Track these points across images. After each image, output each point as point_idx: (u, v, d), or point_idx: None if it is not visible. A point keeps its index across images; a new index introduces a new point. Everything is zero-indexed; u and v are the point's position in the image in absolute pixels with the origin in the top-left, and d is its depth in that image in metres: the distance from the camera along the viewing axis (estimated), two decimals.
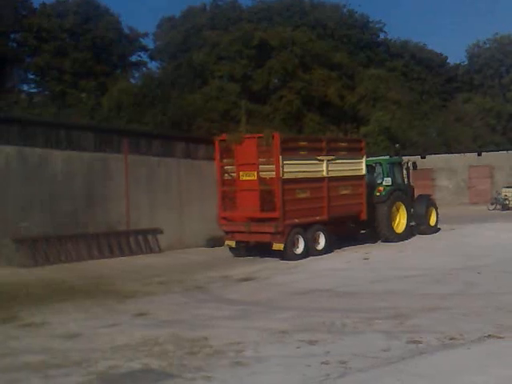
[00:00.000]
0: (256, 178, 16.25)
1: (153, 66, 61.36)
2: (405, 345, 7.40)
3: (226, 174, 17.38)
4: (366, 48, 61.43)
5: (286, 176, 16.12)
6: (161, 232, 19.03)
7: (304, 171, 16.78)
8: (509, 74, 60.97)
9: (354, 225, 19.48)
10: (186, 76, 49.57)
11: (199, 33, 55.87)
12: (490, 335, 7.63)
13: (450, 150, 42.18)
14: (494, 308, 9.30)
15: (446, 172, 38.36)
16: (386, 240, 19.46)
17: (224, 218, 17.39)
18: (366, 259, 16.00)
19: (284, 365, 6.82)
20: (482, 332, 7.79)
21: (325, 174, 17.40)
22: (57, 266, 15.85)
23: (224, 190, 17.33)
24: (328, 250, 17.25)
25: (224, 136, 17.84)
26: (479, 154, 39.97)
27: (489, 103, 56.80)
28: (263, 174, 16.35)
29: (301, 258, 16.23)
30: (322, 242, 17.13)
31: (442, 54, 65.89)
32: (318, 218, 17.16)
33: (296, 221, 16.49)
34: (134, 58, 58.24)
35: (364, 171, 19.01)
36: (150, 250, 18.68)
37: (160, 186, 19.52)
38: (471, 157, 39.62)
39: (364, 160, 19.01)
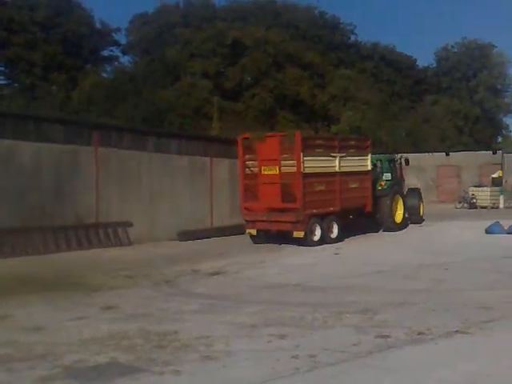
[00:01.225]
0: (278, 172, 18.00)
1: (125, 60, 60.74)
2: (373, 339, 7.42)
3: (247, 169, 18.93)
4: (337, 49, 61.90)
5: (306, 171, 17.78)
6: (131, 225, 18.84)
7: (320, 166, 18.52)
8: (476, 77, 62.07)
9: (355, 216, 20.79)
10: (158, 72, 49.24)
11: (172, 30, 55.53)
12: (457, 331, 7.70)
13: (418, 150, 42.75)
14: (461, 304, 9.40)
15: (415, 171, 38.78)
16: (388, 230, 21.41)
17: (246, 209, 19.00)
18: (336, 254, 16.11)
19: (253, 359, 6.79)
20: (449, 327, 7.85)
21: (337, 169, 19.13)
22: (23, 258, 15.51)
23: (246, 183, 18.91)
24: (340, 238, 18.77)
25: (247, 134, 19.46)
26: (447, 154, 40.70)
27: (456, 105, 57.78)
28: (284, 169, 17.98)
29: (318, 245, 17.80)
30: (335, 231, 18.78)
31: (411, 57, 66.73)
32: (331, 208, 18.90)
33: (314, 211, 18.14)
34: (105, 53, 57.74)
35: (369, 167, 20.84)
36: (120, 243, 18.47)
37: (131, 179, 19.34)
38: (439, 157, 40.30)
39: (369, 157, 20.81)
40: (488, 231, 19.80)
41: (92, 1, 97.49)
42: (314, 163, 18.14)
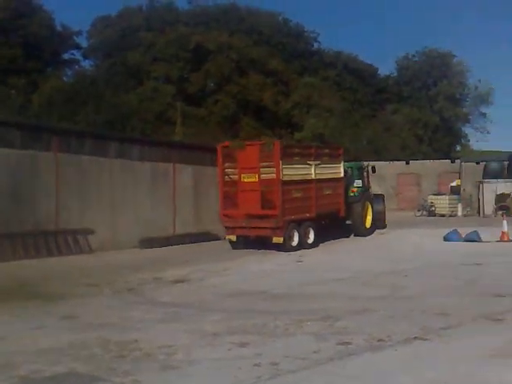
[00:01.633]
0: (257, 179, 18.52)
1: (86, 64, 59.92)
2: (334, 346, 7.49)
3: (227, 176, 19.40)
4: (301, 57, 62.32)
5: (285, 178, 18.33)
6: (91, 232, 18.57)
7: (297, 174, 19.17)
8: (436, 86, 63.12)
9: (329, 221, 21.64)
10: (120, 75, 48.78)
11: (135, 33, 55.06)
12: (416, 337, 7.81)
13: (379, 158, 43.35)
14: (419, 311, 9.56)
15: (376, 179, 39.16)
16: (359, 234, 22.39)
17: (225, 215, 19.34)
18: (299, 262, 16.20)
19: (215, 367, 6.77)
20: (408, 334, 7.96)
21: (313, 176, 19.76)
22: None
23: (225, 191, 19.35)
24: (315, 244, 19.34)
25: (227, 143, 20.30)
26: (407, 163, 41.39)
27: (416, 114, 58.71)
28: (263, 177, 18.56)
29: (296, 250, 18.25)
30: (311, 237, 19.40)
31: (373, 66, 67.65)
32: (308, 215, 19.48)
33: (292, 217, 18.70)
34: (66, 56, 56.79)
35: (342, 174, 21.69)
36: (80, 251, 18.20)
37: (92, 185, 19.08)
38: (400, 165, 40.94)
39: (342, 164, 21.69)
40: (446, 239, 20.21)
41: (53, 3, 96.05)
42: (292, 171, 18.75)
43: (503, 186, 32.03)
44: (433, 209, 33.83)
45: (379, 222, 24.33)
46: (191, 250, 19.21)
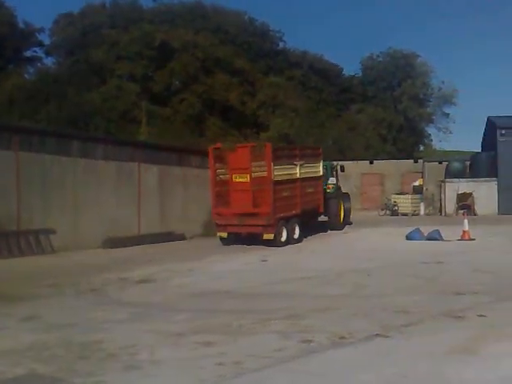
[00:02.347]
0: (249, 179, 19.53)
1: (48, 61, 58.91)
2: (297, 344, 7.55)
3: (218, 177, 20.38)
4: (266, 56, 62.46)
5: (276, 178, 19.60)
6: (54, 232, 18.31)
7: (285, 174, 20.48)
8: (400, 86, 63.96)
9: (310, 217, 23.19)
10: (83, 73, 48.06)
11: (98, 30, 54.38)
12: (377, 334, 7.92)
13: (344, 158, 43.78)
14: (381, 309, 9.67)
15: (341, 178, 39.64)
16: (335, 229, 24.24)
17: (217, 214, 20.35)
18: (263, 261, 16.27)
19: (178, 367, 6.77)
20: (369, 331, 8.07)
21: (298, 175, 21.20)
22: None
23: (217, 190, 20.30)
24: (300, 239, 20.83)
25: (218, 145, 21.15)
26: (371, 162, 41.92)
27: (381, 114, 59.41)
28: (254, 176, 19.58)
29: (284, 245, 19.73)
30: (297, 232, 20.80)
31: (338, 65, 68.22)
32: (294, 212, 20.78)
33: (281, 215, 19.92)
34: (28, 53, 55.81)
35: (321, 173, 23.45)
36: (43, 251, 17.93)
37: (54, 185, 18.82)
38: (364, 165, 41.41)
39: (321, 164, 23.42)
40: (408, 237, 20.51)
41: (15, 0, 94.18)
42: (281, 171, 20.06)
43: (465, 186, 32.68)
44: (396, 208, 34.34)
45: (347, 219, 26.03)
46: (156, 250, 19.12)
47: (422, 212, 34.06)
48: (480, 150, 38.91)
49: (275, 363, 6.80)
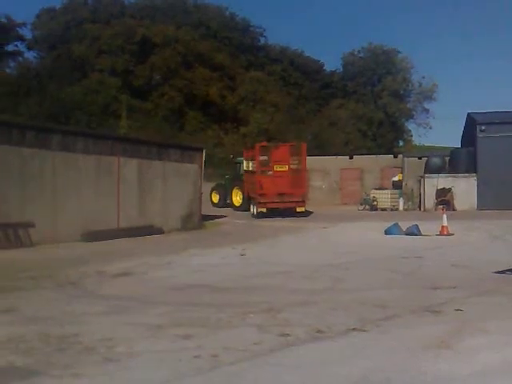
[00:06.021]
0: (287, 169, 28.38)
1: (30, 56, 58.29)
2: (275, 338, 7.60)
3: (261, 168, 28.40)
4: (247, 51, 62.42)
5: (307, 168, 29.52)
6: (32, 225, 18.16)
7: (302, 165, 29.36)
8: (380, 82, 64.30)
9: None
10: (64, 68, 47.69)
11: (80, 25, 53.97)
12: (354, 328, 8.00)
13: (324, 153, 43.90)
14: (358, 303, 9.77)
15: (320, 173, 39.86)
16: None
17: (260, 194, 28.17)
18: (242, 255, 16.30)
19: (156, 360, 6.79)
20: (347, 325, 8.14)
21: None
22: None
23: (260, 177, 28.27)
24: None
25: (264, 143, 31.37)
26: (351, 158, 42.02)
27: (361, 109, 59.70)
28: (290, 167, 28.37)
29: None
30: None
31: (318, 61, 68.37)
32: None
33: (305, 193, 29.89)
34: (10, 48, 55.33)
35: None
36: (21, 245, 17.77)
37: (33, 178, 18.66)
38: (343, 160, 41.50)
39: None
40: (387, 232, 20.64)
41: None
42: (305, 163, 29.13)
43: (444, 181, 32.94)
44: (375, 203, 34.52)
45: None
46: (135, 244, 19.07)
47: (401, 207, 34.27)
48: (459, 146, 39.25)
49: (252, 356, 6.85)
